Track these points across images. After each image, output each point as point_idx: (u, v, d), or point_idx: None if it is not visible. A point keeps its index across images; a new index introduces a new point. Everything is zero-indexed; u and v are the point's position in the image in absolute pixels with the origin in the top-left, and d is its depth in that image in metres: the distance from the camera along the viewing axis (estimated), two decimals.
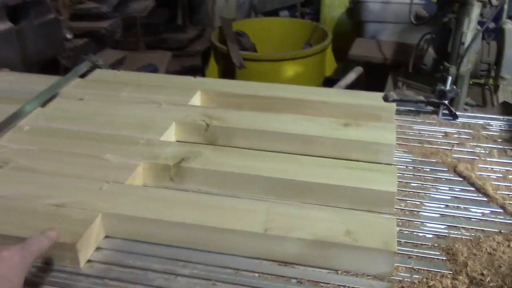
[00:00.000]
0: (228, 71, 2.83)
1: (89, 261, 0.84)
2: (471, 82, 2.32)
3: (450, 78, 1.26)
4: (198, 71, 3.15)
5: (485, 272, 0.81)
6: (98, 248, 0.87)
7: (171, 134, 1.14)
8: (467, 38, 1.95)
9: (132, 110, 1.20)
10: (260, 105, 1.26)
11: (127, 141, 1.07)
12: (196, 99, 1.29)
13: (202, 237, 0.85)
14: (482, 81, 2.34)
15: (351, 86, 2.33)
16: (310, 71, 2.93)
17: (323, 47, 2.96)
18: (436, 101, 1.27)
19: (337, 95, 1.29)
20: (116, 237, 0.89)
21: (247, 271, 0.83)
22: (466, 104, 2.22)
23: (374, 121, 1.19)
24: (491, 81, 2.29)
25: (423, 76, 2.27)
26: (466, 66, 2.09)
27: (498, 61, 2.14)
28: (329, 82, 2.84)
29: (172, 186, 1.01)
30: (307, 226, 0.84)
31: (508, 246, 0.87)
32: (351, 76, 2.30)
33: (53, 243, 0.73)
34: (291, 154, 1.07)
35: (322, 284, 0.80)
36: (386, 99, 1.26)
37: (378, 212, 0.94)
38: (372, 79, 2.52)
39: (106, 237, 0.89)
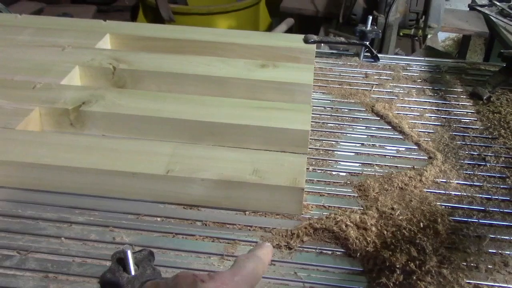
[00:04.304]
0: None
1: None
2: (401, 34, 2.32)
3: (370, 18, 1.22)
4: None
5: (395, 206, 0.79)
6: None
7: (74, 79, 1.05)
8: None
9: (30, 53, 1.09)
10: (174, 48, 1.19)
11: (21, 86, 0.97)
12: (105, 43, 1.19)
13: (100, 182, 0.79)
14: (411, 32, 2.34)
15: None
16: (243, 26, 2.84)
17: (256, 1, 2.88)
18: (357, 41, 1.23)
19: (256, 37, 1.23)
20: (7, 187, 0.81)
21: (149, 215, 0.77)
22: (396, 54, 2.22)
23: (293, 63, 1.14)
24: (420, 32, 2.30)
25: (353, 27, 2.25)
26: (395, 15, 2.09)
27: (425, 11, 2.15)
28: None
29: (73, 132, 0.93)
30: (213, 167, 0.79)
31: (420, 180, 0.86)
32: (281, 27, 2.24)
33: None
34: (200, 96, 1.01)
35: (228, 226, 0.76)
36: (306, 40, 1.21)
37: (292, 153, 0.90)
38: (304, 32, 2.46)
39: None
